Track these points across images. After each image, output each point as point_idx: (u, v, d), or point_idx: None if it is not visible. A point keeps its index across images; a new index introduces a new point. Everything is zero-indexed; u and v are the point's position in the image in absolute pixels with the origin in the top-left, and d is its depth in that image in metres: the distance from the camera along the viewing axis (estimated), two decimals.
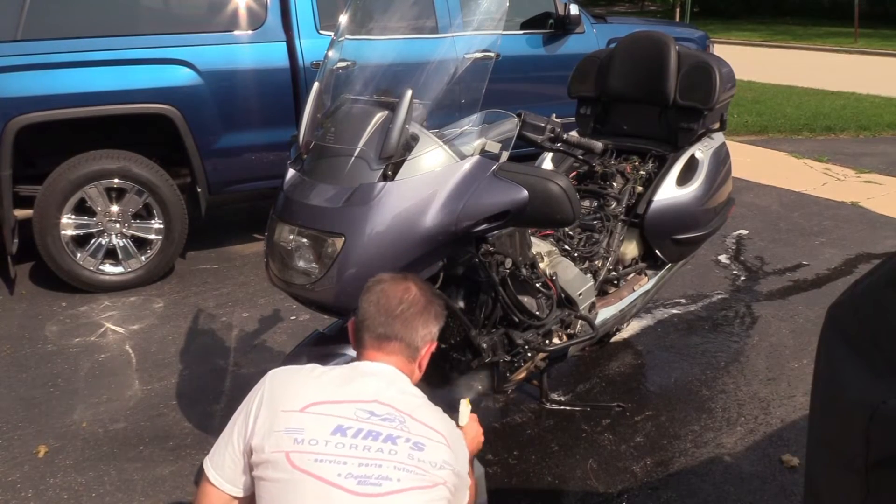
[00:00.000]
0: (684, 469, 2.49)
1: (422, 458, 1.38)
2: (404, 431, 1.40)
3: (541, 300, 2.30)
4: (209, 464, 1.49)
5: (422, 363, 1.61)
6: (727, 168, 3.16)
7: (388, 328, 1.54)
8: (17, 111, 3.58)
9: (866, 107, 8.99)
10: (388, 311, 1.54)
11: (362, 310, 1.57)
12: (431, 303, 1.60)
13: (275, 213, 1.99)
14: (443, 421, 1.50)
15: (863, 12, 17.84)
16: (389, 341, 1.54)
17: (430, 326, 1.59)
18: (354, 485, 1.33)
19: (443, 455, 1.42)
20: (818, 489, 1.23)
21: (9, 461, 2.58)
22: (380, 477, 1.34)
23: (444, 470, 1.40)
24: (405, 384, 1.53)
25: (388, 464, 1.35)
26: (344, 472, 1.33)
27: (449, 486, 1.40)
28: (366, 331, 1.56)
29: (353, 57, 2.21)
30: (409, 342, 1.55)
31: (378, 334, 1.54)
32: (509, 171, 1.92)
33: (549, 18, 5.22)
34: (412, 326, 1.55)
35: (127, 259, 3.97)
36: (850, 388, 1.09)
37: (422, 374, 1.63)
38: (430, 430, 1.44)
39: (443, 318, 1.64)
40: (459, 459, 1.48)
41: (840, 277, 4.05)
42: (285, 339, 3.39)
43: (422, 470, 1.37)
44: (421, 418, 1.45)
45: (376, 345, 1.55)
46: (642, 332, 3.47)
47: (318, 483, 1.33)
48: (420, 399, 1.52)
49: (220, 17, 4.05)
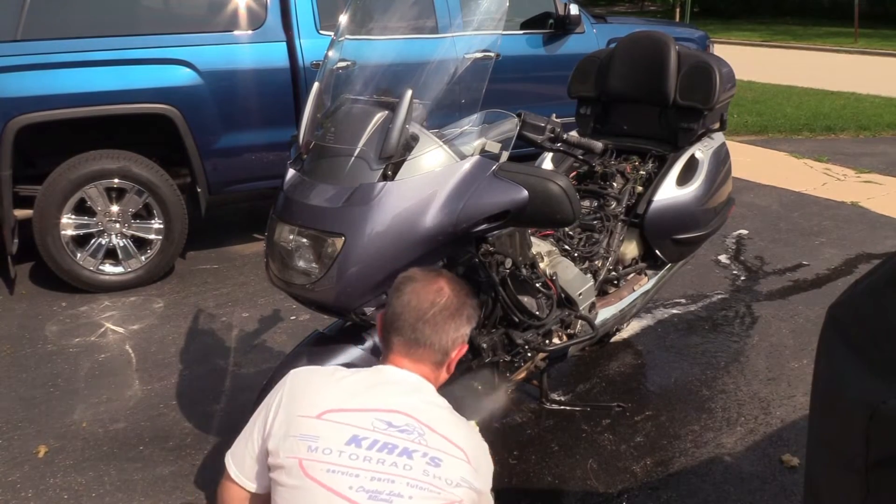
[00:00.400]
0: (684, 469, 2.49)
1: (437, 475, 1.34)
2: (422, 445, 1.36)
3: (541, 300, 2.30)
4: (230, 459, 1.49)
5: (451, 366, 1.56)
6: (727, 168, 3.16)
7: (418, 332, 1.48)
8: (17, 111, 3.58)
9: (866, 107, 8.99)
10: (420, 315, 1.49)
11: (392, 310, 1.52)
12: (464, 304, 1.55)
13: (275, 213, 1.99)
14: (466, 435, 1.45)
15: (863, 12, 17.84)
16: (419, 347, 1.49)
17: (461, 329, 1.54)
18: (365, 499, 1.30)
19: (460, 472, 1.37)
20: (818, 489, 1.23)
21: (9, 461, 2.58)
22: (391, 493, 1.30)
23: (461, 488, 1.35)
24: (429, 393, 1.48)
25: (402, 480, 1.32)
26: (356, 486, 1.31)
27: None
28: (395, 333, 1.50)
29: (353, 57, 2.21)
30: (439, 347, 1.50)
31: (408, 339, 1.49)
32: (509, 171, 1.92)
33: (549, 18, 5.22)
34: (443, 330, 1.50)
35: (127, 259, 3.97)
36: (850, 387, 1.09)
37: (450, 375, 1.59)
38: (449, 445, 1.39)
39: (475, 319, 1.59)
40: (481, 476, 1.42)
41: (840, 277, 4.05)
42: (285, 339, 3.39)
43: (436, 488, 1.33)
44: (441, 431, 1.40)
45: (404, 350, 1.50)
46: (642, 332, 3.47)
47: (329, 494, 1.30)
48: (444, 410, 1.47)
49: (220, 17, 4.05)
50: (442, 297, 1.52)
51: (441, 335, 1.50)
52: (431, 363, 1.51)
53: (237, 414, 2.81)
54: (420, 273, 1.57)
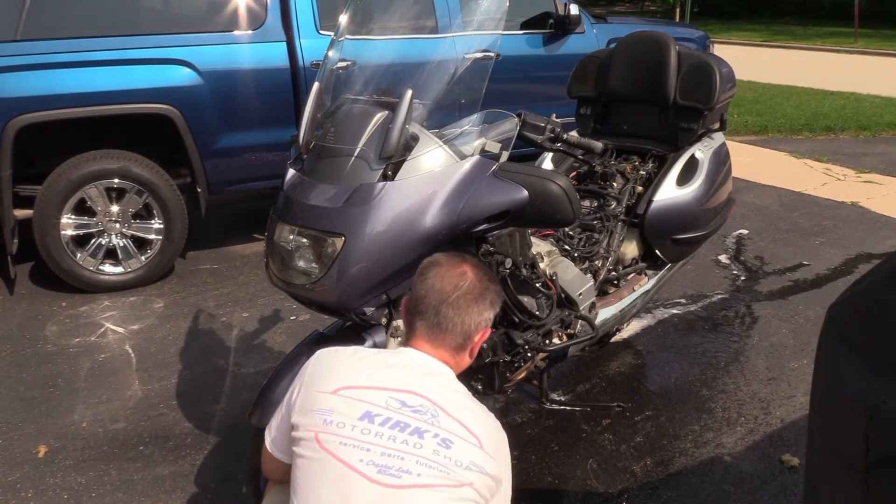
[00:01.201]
0: (684, 469, 2.49)
1: (448, 456, 1.35)
2: (434, 426, 1.38)
3: (541, 300, 2.30)
4: (267, 432, 1.55)
5: (473, 351, 1.57)
6: (727, 168, 3.16)
7: (441, 316, 1.50)
8: (17, 111, 3.58)
9: (866, 107, 8.99)
10: (443, 298, 1.51)
11: (416, 294, 1.54)
12: (488, 289, 1.56)
13: (275, 213, 1.99)
14: (482, 422, 1.45)
15: (863, 12, 17.84)
16: (442, 330, 1.51)
17: (484, 314, 1.55)
18: (374, 472, 1.32)
19: (471, 456, 1.38)
20: (818, 489, 1.23)
21: (9, 461, 2.58)
22: (400, 469, 1.32)
23: (471, 471, 1.36)
24: (448, 378, 1.50)
25: (411, 457, 1.34)
26: (366, 459, 1.33)
27: (478, 489, 1.36)
28: (419, 317, 1.52)
29: (353, 57, 2.21)
30: (462, 330, 1.51)
31: (431, 322, 1.51)
32: (509, 171, 1.92)
33: (549, 18, 5.22)
34: (467, 313, 1.51)
35: (127, 259, 3.97)
36: (850, 388, 1.09)
37: (472, 360, 1.59)
38: (462, 428, 1.40)
39: (499, 304, 1.60)
40: (497, 463, 1.42)
41: (840, 277, 4.05)
42: (285, 339, 3.39)
43: (445, 468, 1.34)
44: (456, 415, 1.41)
45: (427, 334, 1.51)
46: (642, 332, 3.47)
47: (339, 465, 1.34)
48: (461, 395, 1.48)
49: (220, 17, 4.05)
50: (465, 280, 1.53)
51: (464, 318, 1.51)
52: (454, 347, 1.53)
53: (237, 414, 2.82)
54: (444, 257, 1.59)
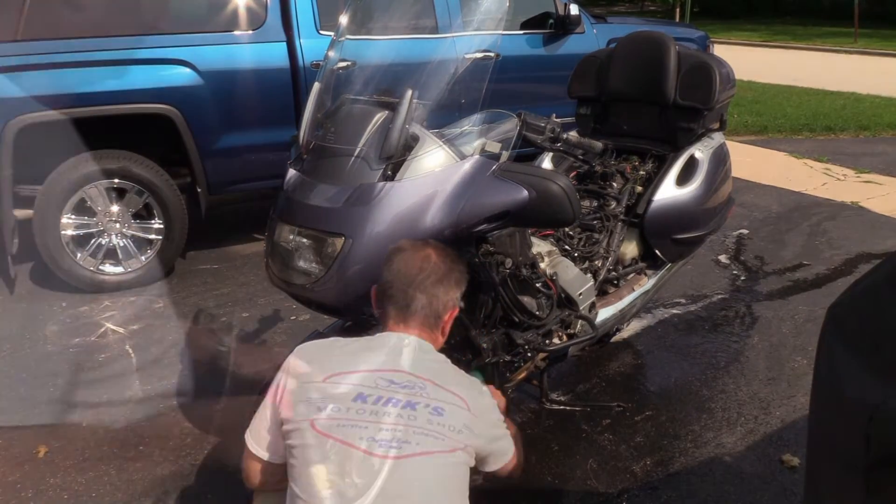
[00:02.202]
0: (684, 469, 2.49)
1: (441, 423, 1.42)
2: (424, 397, 1.44)
3: (541, 300, 2.30)
4: (248, 435, 1.57)
5: (444, 329, 1.64)
6: (727, 168, 3.16)
7: (409, 298, 1.56)
8: (17, 111, 3.57)
9: (866, 107, 8.99)
10: (409, 281, 1.57)
11: (384, 279, 1.60)
12: (452, 269, 1.63)
13: (275, 213, 1.99)
14: (466, 386, 1.53)
15: (863, 12, 17.84)
16: (411, 312, 1.57)
17: (451, 293, 1.62)
18: (375, 447, 1.37)
19: (462, 419, 1.44)
20: (818, 489, 1.23)
21: (9, 461, 2.57)
22: (399, 441, 1.38)
23: (463, 434, 1.43)
24: (428, 351, 1.56)
25: (408, 429, 1.39)
26: (366, 436, 1.39)
27: (469, 451, 1.44)
28: (388, 301, 1.59)
29: (354, 57, 2.21)
30: (431, 311, 1.58)
31: (400, 305, 1.57)
32: (509, 171, 1.92)
33: (549, 18, 5.22)
34: (433, 294, 1.58)
35: (127, 259, 3.97)
36: (850, 387, 1.09)
37: (444, 339, 1.65)
38: (449, 395, 1.47)
39: (465, 283, 1.67)
40: (484, 422, 1.50)
41: (840, 277, 4.05)
42: (285, 339, 3.39)
43: (440, 434, 1.41)
44: (442, 383, 1.48)
45: (399, 316, 1.58)
46: (642, 332, 3.46)
47: (340, 445, 1.38)
48: (442, 364, 1.55)
49: (220, 17, 4.05)
50: (429, 262, 1.60)
51: (431, 299, 1.58)
52: (425, 327, 1.59)
53: (237, 414, 2.81)
54: (408, 243, 1.66)
